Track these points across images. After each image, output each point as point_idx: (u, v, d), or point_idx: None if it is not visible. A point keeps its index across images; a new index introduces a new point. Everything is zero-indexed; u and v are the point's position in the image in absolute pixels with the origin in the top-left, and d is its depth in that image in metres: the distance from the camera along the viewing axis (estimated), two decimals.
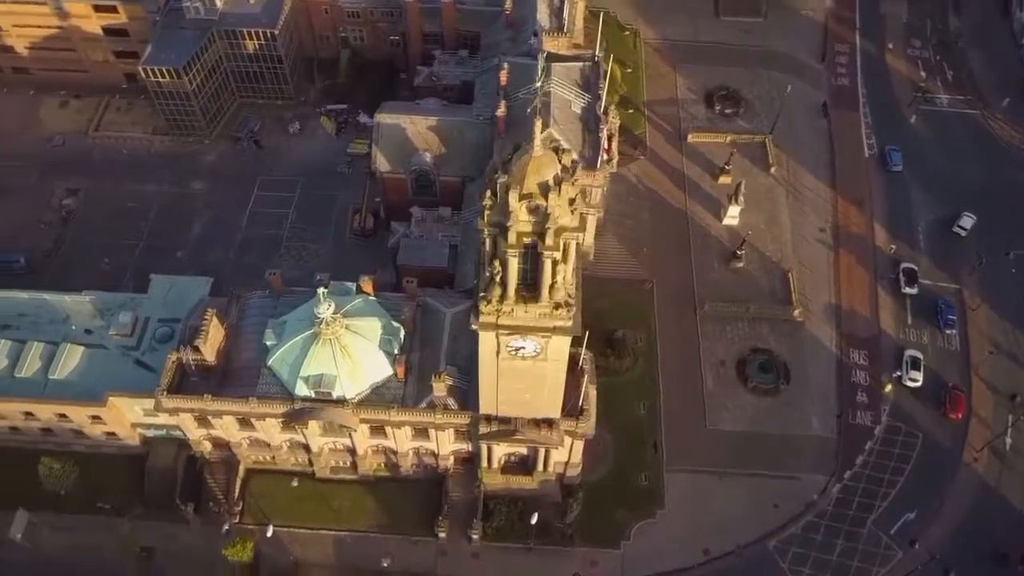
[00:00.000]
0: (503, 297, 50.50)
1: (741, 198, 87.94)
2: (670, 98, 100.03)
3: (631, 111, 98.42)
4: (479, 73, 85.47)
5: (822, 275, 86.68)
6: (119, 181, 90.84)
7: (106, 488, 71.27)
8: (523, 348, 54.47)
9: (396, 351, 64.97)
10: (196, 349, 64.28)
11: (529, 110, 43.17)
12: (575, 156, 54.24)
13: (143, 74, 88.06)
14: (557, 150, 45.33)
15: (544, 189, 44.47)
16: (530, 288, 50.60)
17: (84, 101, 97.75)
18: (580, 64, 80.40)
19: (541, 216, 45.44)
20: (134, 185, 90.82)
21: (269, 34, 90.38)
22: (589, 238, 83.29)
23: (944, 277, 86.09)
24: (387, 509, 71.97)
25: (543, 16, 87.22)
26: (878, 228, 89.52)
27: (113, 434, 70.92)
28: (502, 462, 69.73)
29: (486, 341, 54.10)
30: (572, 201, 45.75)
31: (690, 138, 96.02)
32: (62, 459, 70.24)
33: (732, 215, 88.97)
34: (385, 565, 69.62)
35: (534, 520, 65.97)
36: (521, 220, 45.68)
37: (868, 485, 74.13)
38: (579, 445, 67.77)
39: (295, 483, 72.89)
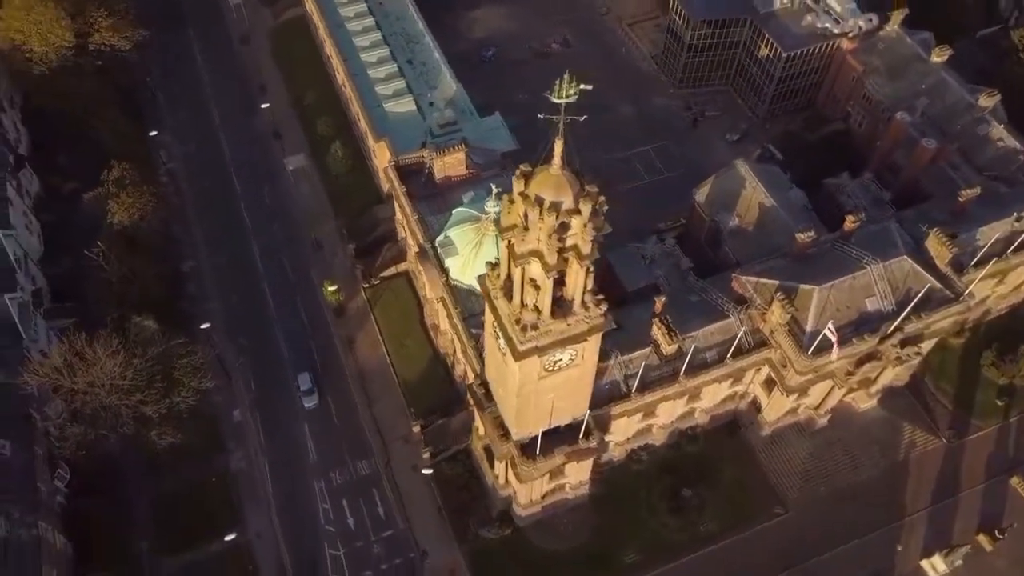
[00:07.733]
0: (499, 276, 51.97)
1: (958, 561, 67.70)
2: None
3: (1001, 402, 78.52)
4: (865, 218, 76.28)
5: None
6: (592, 64, 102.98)
7: (346, 196, 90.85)
8: (499, 339, 55.33)
9: None
10: (432, 160, 76.82)
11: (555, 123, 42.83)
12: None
13: (670, 5, 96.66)
14: (586, 191, 44.12)
15: (538, 202, 44.38)
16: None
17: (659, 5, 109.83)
18: (932, 286, 67.12)
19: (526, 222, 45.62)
20: (597, 73, 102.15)
21: (780, 54, 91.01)
22: (772, 414, 73.43)
23: None
24: (425, 383, 79.41)
25: (988, 234, 73.23)
26: None
27: (377, 170, 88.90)
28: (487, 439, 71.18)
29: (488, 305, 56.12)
30: (551, 236, 44.73)
31: (1013, 482, 73.88)
32: (347, 150, 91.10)
33: (935, 567, 69.11)
34: (372, 404, 79.18)
35: (427, 471, 68.34)
36: (512, 212, 46.41)
37: None
38: (523, 489, 66.02)
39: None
